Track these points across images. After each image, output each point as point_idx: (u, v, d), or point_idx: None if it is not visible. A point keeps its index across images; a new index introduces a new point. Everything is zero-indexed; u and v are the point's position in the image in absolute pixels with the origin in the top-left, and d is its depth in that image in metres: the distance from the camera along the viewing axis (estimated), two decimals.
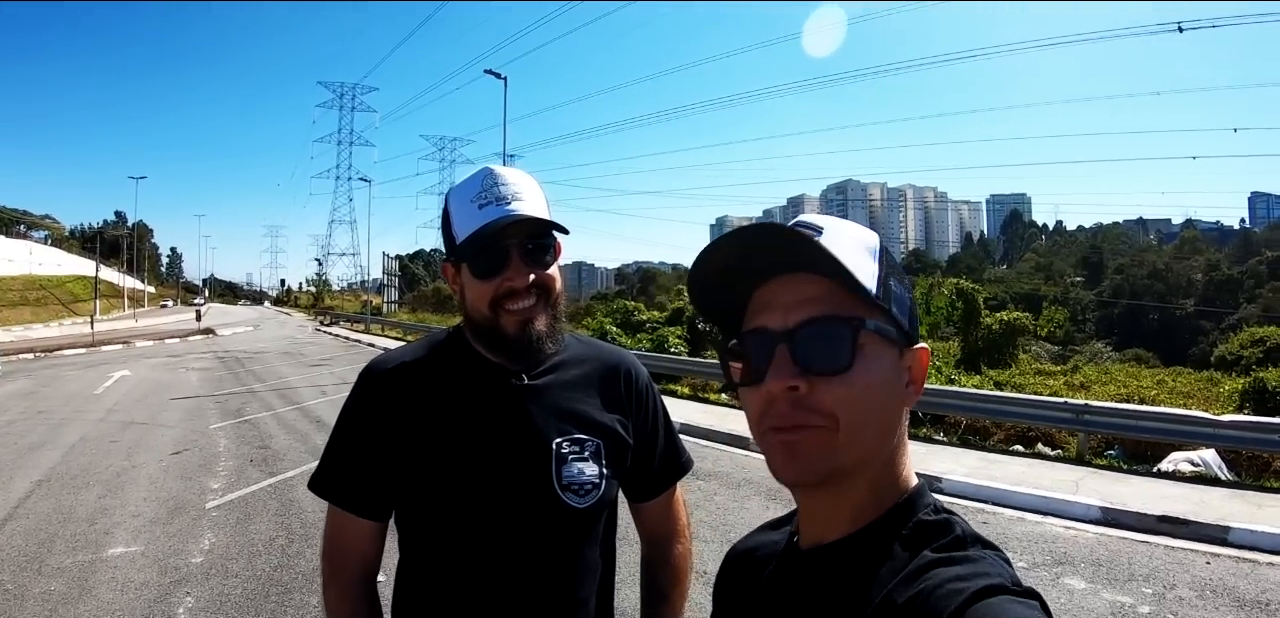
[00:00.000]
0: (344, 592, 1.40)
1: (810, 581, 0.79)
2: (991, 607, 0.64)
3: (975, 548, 0.73)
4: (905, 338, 0.78)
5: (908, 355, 0.79)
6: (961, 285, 20.56)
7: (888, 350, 0.76)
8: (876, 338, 0.75)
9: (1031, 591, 0.66)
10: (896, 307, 0.77)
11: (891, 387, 0.76)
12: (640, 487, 1.56)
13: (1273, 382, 10.92)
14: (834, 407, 0.73)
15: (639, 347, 17.51)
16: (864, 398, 0.73)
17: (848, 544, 0.77)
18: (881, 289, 0.76)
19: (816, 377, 0.73)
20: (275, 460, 9.17)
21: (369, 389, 1.41)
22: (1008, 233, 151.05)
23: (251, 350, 28.81)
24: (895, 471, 0.79)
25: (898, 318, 0.77)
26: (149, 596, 5.03)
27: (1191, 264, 75.97)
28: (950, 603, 0.65)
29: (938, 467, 8.99)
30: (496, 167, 1.37)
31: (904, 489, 0.79)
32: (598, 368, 1.49)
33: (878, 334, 0.75)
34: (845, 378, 0.73)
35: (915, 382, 0.79)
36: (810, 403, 0.73)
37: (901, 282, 0.80)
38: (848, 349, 0.73)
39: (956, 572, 0.68)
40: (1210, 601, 5.23)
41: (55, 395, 15.18)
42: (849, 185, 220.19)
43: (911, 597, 0.68)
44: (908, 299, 0.80)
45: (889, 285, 0.77)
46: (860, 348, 0.73)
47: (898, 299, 0.78)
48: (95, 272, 66.77)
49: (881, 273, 0.77)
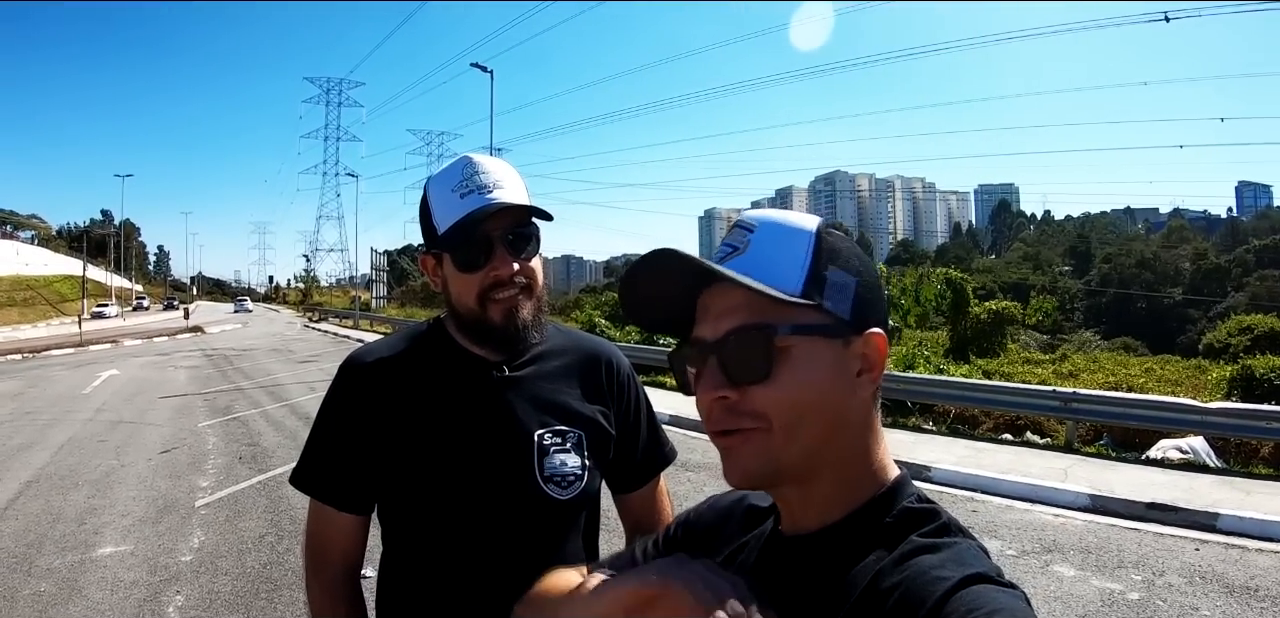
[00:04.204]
0: (327, 586, 1.39)
1: (795, 565, 0.78)
2: (978, 594, 0.64)
3: (961, 537, 0.73)
4: (850, 327, 0.76)
5: (857, 343, 0.76)
6: (950, 275, 20.64)
7: (821, 346, 0.75)
8: (803, 337, 0.74)
9: (1014, 584, 0.67)
10: (832, 298, 0.75)
11: (830, 382, 0.75)
12: (623, 478, 1.55)
13: (1260, 369, 10.99)
14: (765, 409, 0.74)
15: (627, 340, 17.47)
16: (795, 398, 0.73)
17: (833, 531, 0.77)
18: (810, 285, 0.75)
19: (745, 385, 0.74)
20: (264, 458, 9.12)
21: (349, 382, 1.40)
22: (996, 223, 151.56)
23: (240, 348, 28.70)
24: (868, 460, 0.79)
25: (832, 310, 0.75)
26: (139, 595, 5.00)
27: (1179, 253, 76.49)
28: (937, 589, 0.65)
29: (927, 456, 9.03)
30: (476, 155, 1.36)
31: (883, 479, 0.79)
32: (579, 359, 1.48)
33: (803, 333, 0.74)
34: (769, 384, 0.73)
35: (870, 368, 0.77)
36: (741, 408, 0.75)
37: (847, 267, 0.77)
38: (764, 358, 0.74)
39: (942, 558, 0.69)
40: (1199, 587, 5.26)
41: (43, 396, 15.07)
42: (837, 177, 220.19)
43: (898, 582, 0.68)
44: (852, 286, 0.77)
45: (824, 277, 0.76)
46: (782, 351, 0.73)
47: (837, 289, 0.76)
48: (82, 271, 66.35)
49: (812, 266, 0.76)
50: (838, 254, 0.78)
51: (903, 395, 11.69)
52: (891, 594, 0.67)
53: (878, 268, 17.13)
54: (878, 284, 0.81)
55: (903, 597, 0.66)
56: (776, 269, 0.75)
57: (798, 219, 0.79)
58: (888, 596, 0.68)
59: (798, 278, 0.75)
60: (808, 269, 0.75)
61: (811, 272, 0.75)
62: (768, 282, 0.73)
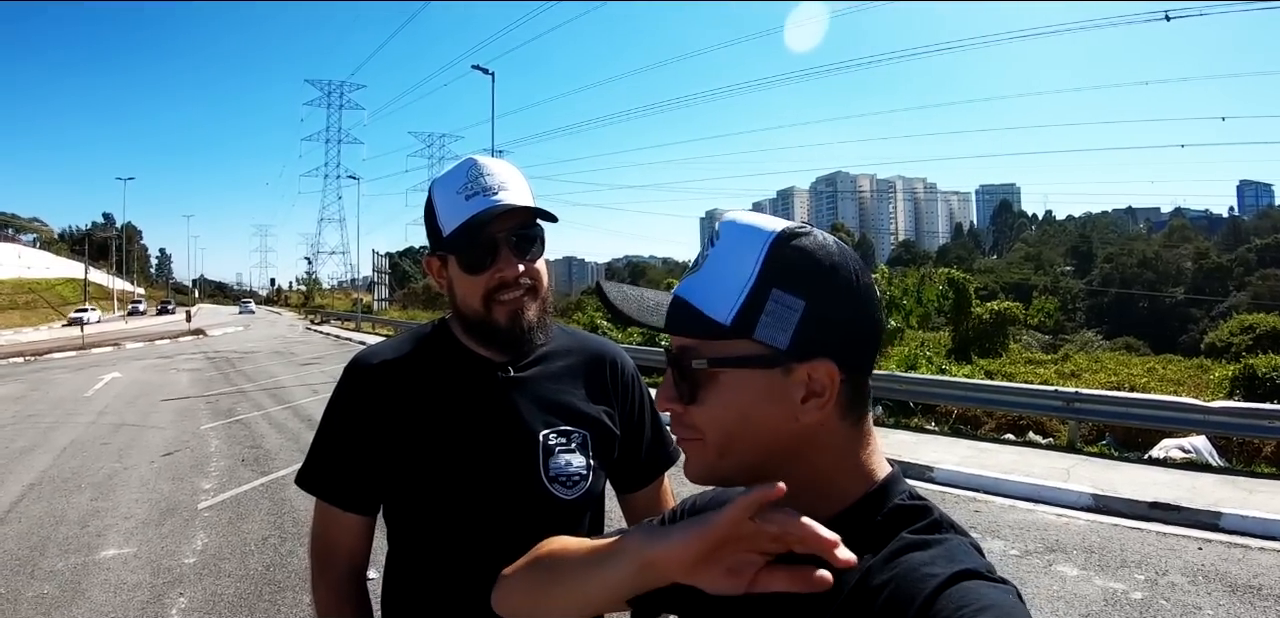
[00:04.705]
0: (333, 587, 1.39)
1: None
2: (967, 590, 0.64)
3: (952, 534, 0.73)
4: (788, 355, 0.73)
5: (799, 371, 0.73)
6: (953, 276, 20.63)
7: (749, 376, 0.74)
8: (726, 368, 0.75)
9: (1006, 579, 0.67)
10: (766, 328, 0.73)
11: (761, 409, 0.74)
12: (628, 478, 1.55)
13: (1262, 368, 10.99)
14: (700, 425, 0.77)
15: (629, 341, 17.46)
16: (720, 420, 0.76)
17: None
18: (740, 316, 0.73)
19: (683, 402, 0.79)
20: (267, 460, 9.13)
21: (354, 383, 1.40)
22: (997, 223, 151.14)
23: (242, 351, 28.72)
24: (845, 470, 0.77)
25: (765, 340, 0.73)
26: (142, 597, 5.01)
27: (1181, 252, 76.38)
28: (927, 585, 0.65)
29: (929, 456, 9.03)
30: (480, 157, 1.36)
31: (872, 479, 0.78)
32: (583, 359, 1.49)
33: (723, 366, 0.75)
34: (697, 406, 0.77)
35: (818, 394, 0.73)
36: (684, 420, 0.79)
37: (795, 289, 0.73)
38: (689, 382, 0.77)
39: (932, 554, 0.69)
40: (1202, 586, 5.26)
41: (46, 399, 15.09)
42: (838, 177, 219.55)
43: (888, 578, 0.68)
44: (798, 311, 0.72)
45: (764, 303, 0.73)
46: (710, 378, 0.76)
47: (776, 315, 0.73)
48: (84, 274, 66.50)
49: (752, 290, 0.73)
50: (789, 274, 0.74)
51: (905, 396, 11.70)
52: (881, 592, 0.68)
53: (880, 270, 17.02)
54: (843, 302, 0.75)
55: (892, 594, 0.67)
56: (715, 294, 0.75)
57: (759, 225, 0.77)
58: (878, 593, 0.68)
59: (731, 306, 0.74)
60: (744, 297, 0.73)
61: (748, 299, 0.73)
62: (705, 307, 0.75)
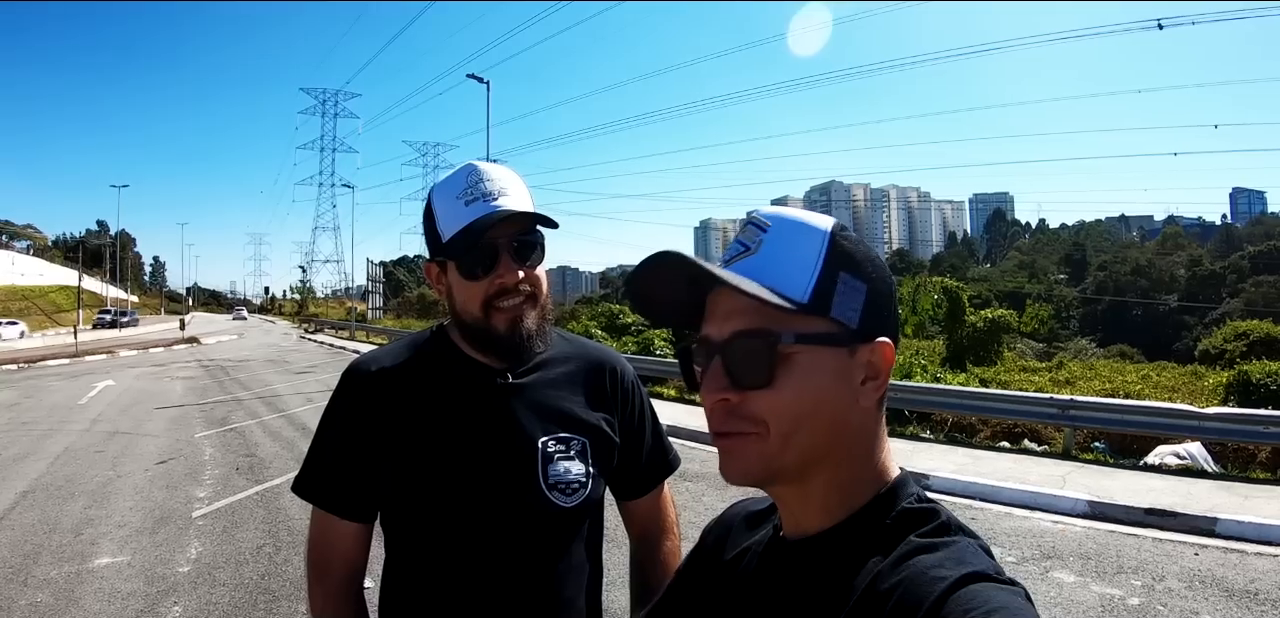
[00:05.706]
0: (329, 595, 1.39)
1: (795, 568, 0.78)
2: (976, 593, 0.64)
3: (960, 536, 0.73)
4: (857, 336, 0.75)
5: (863, 351, 0.76)
6: (947, 284, 20.66)
7: (824, 355, 0.74)
8: (807, 346, 0.74)
9: (1014, 581, 0.67)
10: (840, 307, 0.74)
11: (832, 390, 0.74)
12: (628, 485, 1.55)
13: (1256, 374, 11.04)
14: (764, 414, 0.74)
15: (624, 350, 17.46)
16: (794, 406, 0.73)
17: (833, 534, 0.76)
18: (817, 294, 0.74)
19: (746, 389, 0.74)
20: (261, 468, 9.10)
21: (352, 390, 1.39)
22: (991, 231, 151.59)
23: (236, 359, 28.63)
24: (869, 464, 0.78)
25: (840, 319, 0.74)
26: (136, 606, 4.98)
27: (1174, 260, 76.58)
28: (935, 588, 0.65)
29: (925, 464, 9.03)
30: (480, 163, 1.35)
31: (884, 480, 0.78)
32: (583, 366, 1.48)
33: (807, 343, 0.74)
34: (770, 391, 0.73)
35: (875, 376, 0.76)
36: (741, 411, 0.75)
37: (859, 273, 0.76)
38: (766, 365, 0.73)
39: (941, 557, 0.69)
40: (1199, 591, 5.27)
41: (39, 406, 15.00)
42: (832, 187, 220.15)
43: (897, 582, 0.68)
44: (863, 291, 0.76)
45: (835, 283, 0.75)
46: (785, 359, 0.73)
47: (846, 296, 0.75)
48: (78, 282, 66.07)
49: (822, 272, 0.75)
50: (851, 259, 0.76)
51: (900, 404, 11.71)
52: (890, 595, 0.67)
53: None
54: (889, 291, 0.79)
55: (902, 597, 0.66)
56: (785, 273, 0.74)
57: (812, 219, 0.78)
58: (887, 597, 0.67)
59: (806, 284, 0.74)
60: (818, 275, 0.74)
61: (821, 278, 0.74)
62: (775, 286, 0.73)
